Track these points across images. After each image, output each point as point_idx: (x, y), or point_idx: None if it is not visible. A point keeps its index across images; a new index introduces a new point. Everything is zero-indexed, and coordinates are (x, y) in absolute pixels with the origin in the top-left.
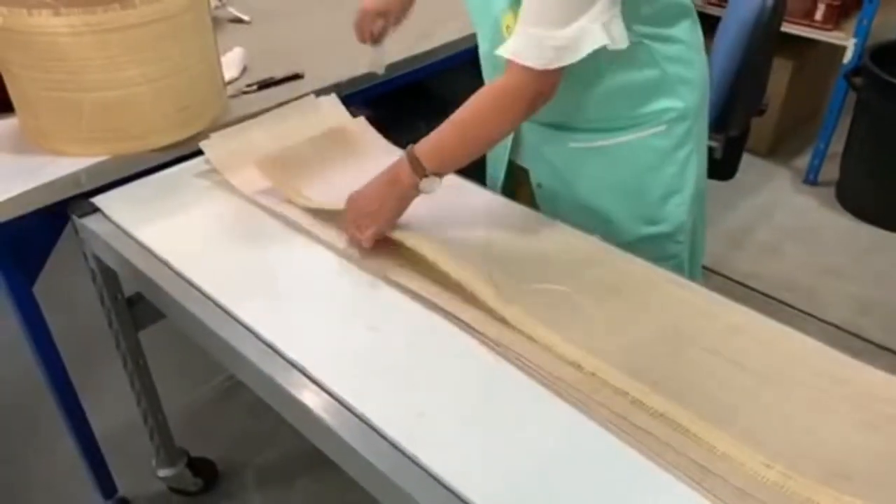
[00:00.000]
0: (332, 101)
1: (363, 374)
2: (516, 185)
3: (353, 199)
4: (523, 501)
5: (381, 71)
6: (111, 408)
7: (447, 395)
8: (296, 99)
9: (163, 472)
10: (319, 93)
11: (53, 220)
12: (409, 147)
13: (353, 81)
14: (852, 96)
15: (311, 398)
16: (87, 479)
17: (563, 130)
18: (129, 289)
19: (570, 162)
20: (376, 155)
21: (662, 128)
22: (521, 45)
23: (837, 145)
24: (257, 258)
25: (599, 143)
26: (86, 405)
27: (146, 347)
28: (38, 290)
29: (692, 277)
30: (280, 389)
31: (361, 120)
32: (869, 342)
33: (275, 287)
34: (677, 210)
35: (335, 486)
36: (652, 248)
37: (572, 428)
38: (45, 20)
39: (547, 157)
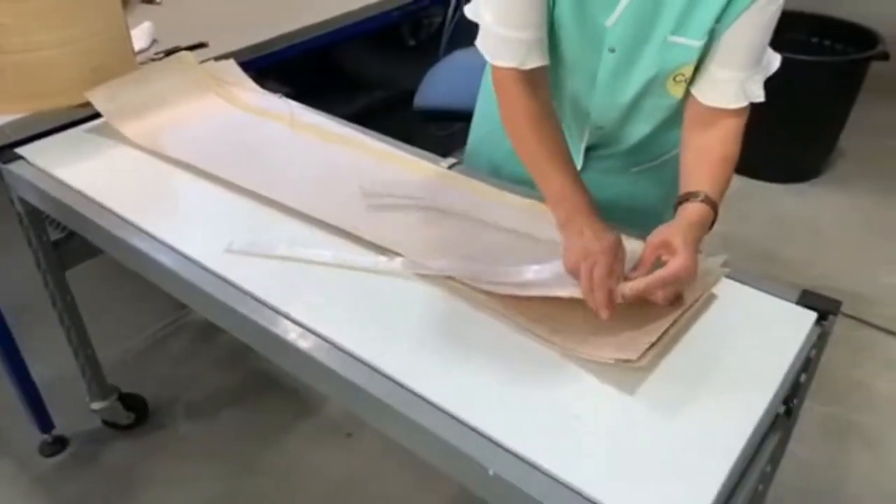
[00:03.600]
0: (230, 64)
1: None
2: None
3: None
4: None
5: None
6: (54, 355)
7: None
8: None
9: (96, 406)
10: (220, 58)
11: None
12: (710, 198)
13: (252, 48)
14: None
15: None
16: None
17: (628, 160)
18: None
19: (631, 184)
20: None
21: None
22: (755, 88)
23: None
24: (174, 190)
25: (660, 160)
26: (31, 351)
27: (83, 303)
28: None
29: None
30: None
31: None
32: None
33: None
34: None
35: (259, 412)
36: None
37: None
38: None
39: (607, 183)
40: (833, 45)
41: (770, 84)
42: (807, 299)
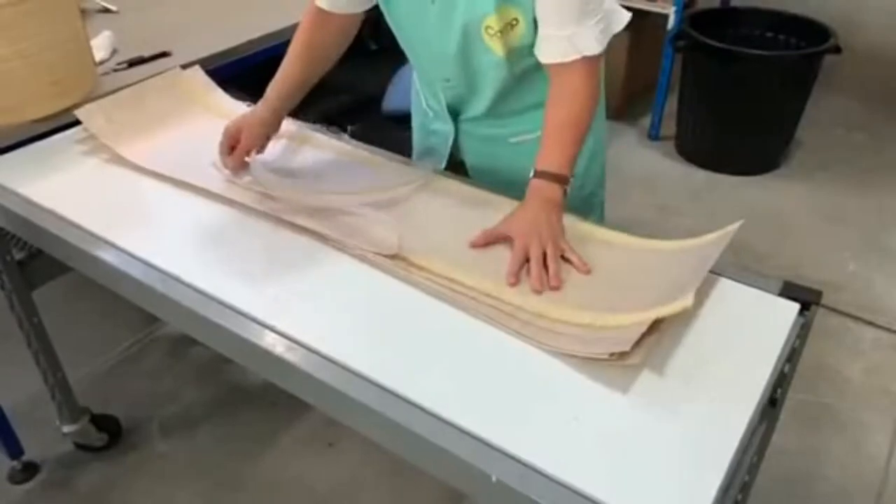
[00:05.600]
0: (195, 70)
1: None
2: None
3: (523, 237)
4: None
5: None
6: (21, 378)
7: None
8: (162, 72)
9: (67, 429)
10: (185, 67)
11: None
12: (539, 171)
13: (216, 56)
14: (681, 59)
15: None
16: None
17: (501, 128)
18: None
19: (512, 156)
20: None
21: None
22: (584, 41)
23: (675, 104)
24: (143, 203)
25: (535, 135)
26: None
27: (49, 322)
28: None
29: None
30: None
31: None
32: None
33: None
34: (599, 170)
35: (237, 426)
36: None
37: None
38: None
39: (487, 151)
40: (787, 40)
41: (729, 78)
42: (789, 290)
